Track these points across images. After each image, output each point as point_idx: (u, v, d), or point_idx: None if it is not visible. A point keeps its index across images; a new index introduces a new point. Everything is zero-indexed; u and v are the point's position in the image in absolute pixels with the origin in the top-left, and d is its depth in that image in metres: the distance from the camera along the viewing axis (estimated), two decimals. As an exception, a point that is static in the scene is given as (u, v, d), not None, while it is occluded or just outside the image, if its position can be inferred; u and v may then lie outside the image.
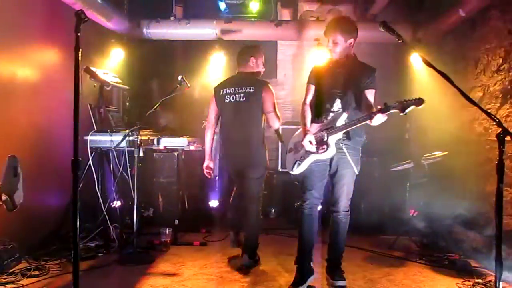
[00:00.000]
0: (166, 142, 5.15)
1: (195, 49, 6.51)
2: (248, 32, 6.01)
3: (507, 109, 4.03)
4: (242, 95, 4.13)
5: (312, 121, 3.85)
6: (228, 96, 4.19)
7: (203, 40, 6.19)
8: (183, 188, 5.59)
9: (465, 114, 4.78)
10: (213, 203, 6.06)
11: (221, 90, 4.26)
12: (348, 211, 3.82)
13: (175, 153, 5.43)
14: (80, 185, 4.44)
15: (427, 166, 4.88)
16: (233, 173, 4.42)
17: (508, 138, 2.29)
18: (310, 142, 3.62)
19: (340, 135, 3.62)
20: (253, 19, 6.18)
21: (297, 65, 6.98)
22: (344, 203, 3.79)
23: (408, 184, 5.61)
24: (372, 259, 4.56)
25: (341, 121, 3.60)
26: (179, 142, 5.22)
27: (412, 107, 3.13)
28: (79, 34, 2.35)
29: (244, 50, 4.33)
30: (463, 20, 4.84)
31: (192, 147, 5.28)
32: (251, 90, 4.11)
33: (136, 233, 4.38)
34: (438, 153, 4.77)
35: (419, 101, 3.12)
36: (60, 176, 3.46)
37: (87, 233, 4.69)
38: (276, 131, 4.49)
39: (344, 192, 3.77)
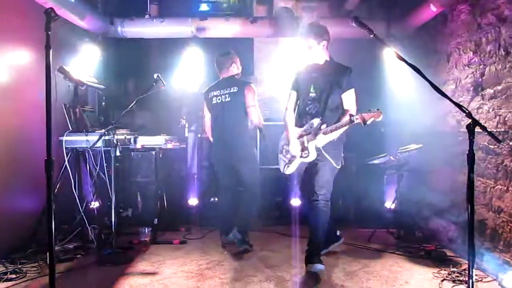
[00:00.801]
0: (143, 141, 5.12)
1: (171, 47, 6.47)
2: (224, 29, 5.99)
3: (479, 101, 4.12)
4: (227, 95, 4.59)
5: (296, 124, 4.17)
6: (215, 98, 4.61)
7: (178, 38, 6.16)
8: (161, 187, 5.56)
9: (439, 108, 4.86)
10: (192, 201, 6.05)
11: (209, 94, 4.66)
12: (327, 201, 3.99)
13: (153, 152, 5.40)
14: (57, 187, 4.42)
15: (403, 158, 4.97)
16: (224, 168, 4.72)
17: (479, 129, 2.34)
18: (295, 147, 4.06)
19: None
20: (228, 16, 6.16)
21: (274, 62, 6.99)
22: (323, 192, 3.97)
23: (385, 177, 5.69)
24: (351, 252, 4.61)
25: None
26: (156, 141, 5.19)
27: (372, 119, 3.56)
28: (49, 32, 2.30)
29: (224, 58, 4.72)
30: (435, 15, 4.93)
31: (169, 146, 5.26)
32: (235, 90, 4.57)
33: (115, 233, 4.35)
34: (413, 146, 4.86)
35: (377, 114, 3.54)
36: (36, 178, 3.40)
37: (65, 235, 4.64)
38: (258, 128, 4.82)
39: (322, 182, 3.97)
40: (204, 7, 6.14)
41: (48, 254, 2.34)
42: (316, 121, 3.94)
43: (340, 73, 3.99)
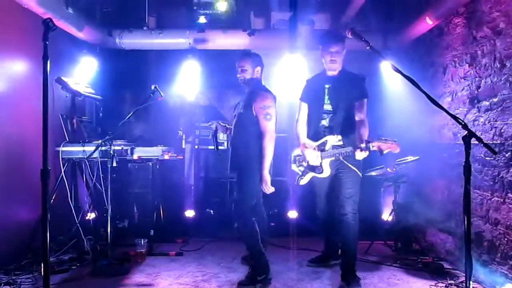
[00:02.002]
0: (140, 152, 5.11)
1: (169, 59, 6.50)
2: (221, 41, 6.03)
3: (475, 113, 4.14)
4: None
5: (310, 136, 4.09)
6: None
7: (176, 50, 6.19)
8: (158, 198, 5.55)
9: (436, 120, 4.88)
10: (189, 212, 6.03)
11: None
12: (356, 213, 3.89)
13: (150, 163, 5.39)
14: (53, 197, 4.40)
15: (400, 170, 4.97)
16: None
17: (475, 141, 2.35)
18: (313, 159, 3.96)
19: (331, 158, 3.88)
20: (226, 28, 6.18)
21: (271, 74, 7.02)
22: (350, 205, 3.86)
23: (382, 189, 5.69)
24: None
25: (332, 143, 3.89)
26: (153, 152, 5.19)
27: (388, 150, 3.58)
28: (47, 42, 2.32)
29: None
30: (431, 28, 4.97)
31: (166, 157, 5.25)
32: None
33: (111, 244, 4.33)
34: (410, 158, 4.86)
35: (394, 146, 3.59)
36: (32, 188, 3.41)
37: (61, 246, 4.61)
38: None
39: (349, 194, 3.86)
40: (202, 19, 6.15)
41: (42, 265, 2.32)
42: (331, 139, 3.91)
43: (355, 83, 3.98)
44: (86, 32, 5.39)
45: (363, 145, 3.60)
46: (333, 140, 3.90)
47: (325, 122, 3.97)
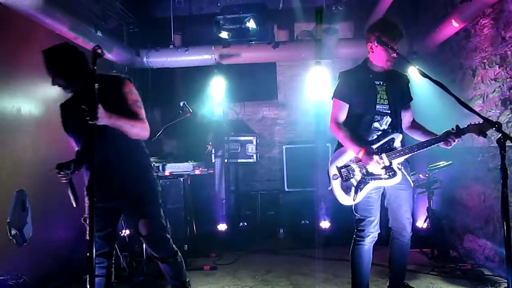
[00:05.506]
0: (171, 168, 5.20)
1: (195, 75, 6.60)
2: (246, 55, 6.09)
3: (508, 115, 4.05)
4: None
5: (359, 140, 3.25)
6: None
7: (202, 66, 6.29)
8: (190, 213, 5.60)
9: (467, 123, 4.77)
10: (221, 226, 6.06)
11: None
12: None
13: (181, 179, 5.45)
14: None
15: (433, 176, 4.89)
16: None
17: (510, 143, 2.31)
18: (376, 164, 3.11)
19: (402, 158, 3.21)
20: (250, 42, 6.25)
21: (297, 85, 7.05)
22: (411, 227, 3.49)
23: (415, 196, 5.59)
24: (383, 274, 4.52)
25: (398, 143, 3.22)
26: (184, 167, 5.26)
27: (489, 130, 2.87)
28: (95, 68, 2.44)
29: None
30: (457, 31, 4.90)
31: (197, 172, 5.33)
32: None
33: (146, 260, 4.38)
34: (442, 163, 4.78)
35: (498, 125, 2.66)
36: (68, 208, 3.49)
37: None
38: None
39: (410, 215, 3.44)
40: (224, 34, 6.23)
41: (88, 281, 2.39)
42: (399, 137, 3.23)
43: (406, 82, 3.45)
44: (115, 53, 5.54)
45: (453, 130, 3.17)
46: (399, 138, 3.23)
47: (378, 125, 3.25)
